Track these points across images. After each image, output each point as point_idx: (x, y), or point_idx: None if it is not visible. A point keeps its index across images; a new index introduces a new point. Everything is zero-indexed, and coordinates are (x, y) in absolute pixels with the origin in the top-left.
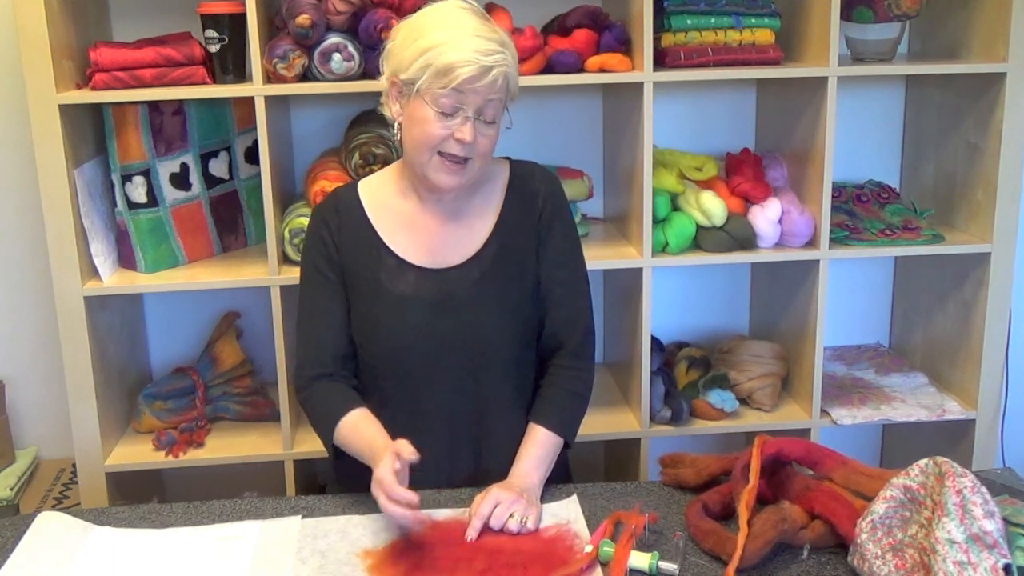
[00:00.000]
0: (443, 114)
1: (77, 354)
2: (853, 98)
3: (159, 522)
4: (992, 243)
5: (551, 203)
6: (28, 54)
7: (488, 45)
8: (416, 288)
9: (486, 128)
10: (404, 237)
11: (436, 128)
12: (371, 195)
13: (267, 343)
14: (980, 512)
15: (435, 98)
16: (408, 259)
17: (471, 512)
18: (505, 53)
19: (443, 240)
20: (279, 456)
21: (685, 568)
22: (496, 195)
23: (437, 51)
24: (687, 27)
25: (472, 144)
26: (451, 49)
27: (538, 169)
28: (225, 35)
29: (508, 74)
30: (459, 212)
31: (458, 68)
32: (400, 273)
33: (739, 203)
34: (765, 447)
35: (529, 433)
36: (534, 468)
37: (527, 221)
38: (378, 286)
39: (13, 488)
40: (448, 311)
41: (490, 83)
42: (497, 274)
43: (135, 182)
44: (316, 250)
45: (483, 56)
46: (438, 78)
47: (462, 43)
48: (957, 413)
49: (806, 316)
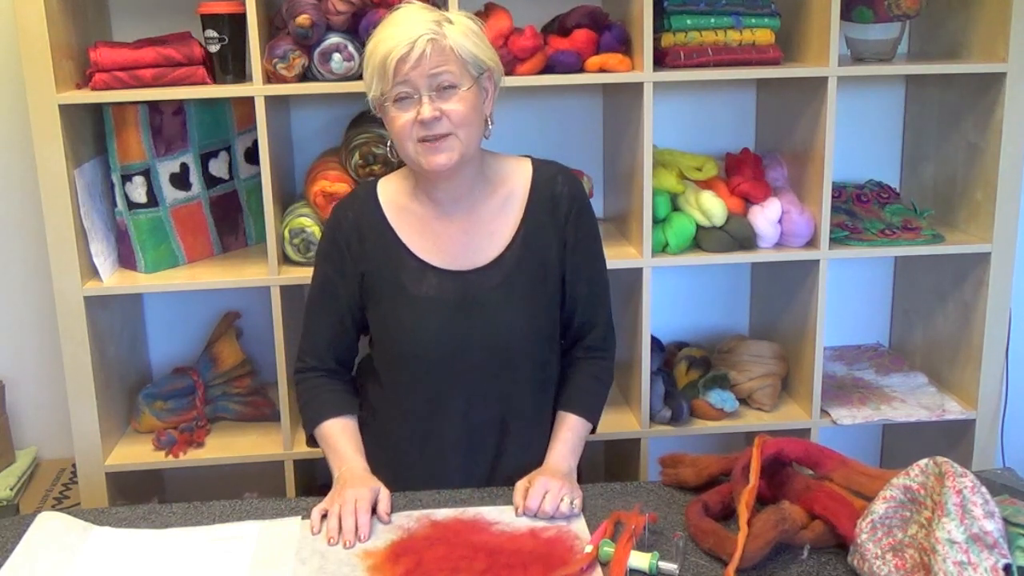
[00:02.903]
0: (401, 102)
1: (77, 354)
2: (853, 98)
3: (159, 522)
4: (992, 243)
5: (576, 205)
6: (28, 54)
7: (414, 27)
8: (438, 290)
9: (449, 95)
10: (425, 239)
11: (401, 119)
12: (390, 196)
13: (267, 343)
14: (980, 512)
15: (392, 98)
16: (429, 261)
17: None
18: (437, 26)
19: (464, 242)
20: (279, 456)
21: (685, 568)
22: (518, 197)
23: (373, 55)
24: (687, 27)
25: (439, 119)
26: (381, 45)
27: (561, 170)
28: (225, 35)
29: (443, 42)
30: (479, 213)
31: (388, 56)
32: (422, 275)
33: (739, 203)
34: (765, 447)
35: (560, 420)
36: (570, 452)
37: (551, 224)
38: (399, 288)
39: (13, 488)
40: (470, 313)
41: (419, 56)
42: (520, 276)
43: (135, 182)
44: (329, 252)
45: (406, 35)
46: (382, 79)
47: (391, 36)
48: (957, 413)
49: (806, 316)
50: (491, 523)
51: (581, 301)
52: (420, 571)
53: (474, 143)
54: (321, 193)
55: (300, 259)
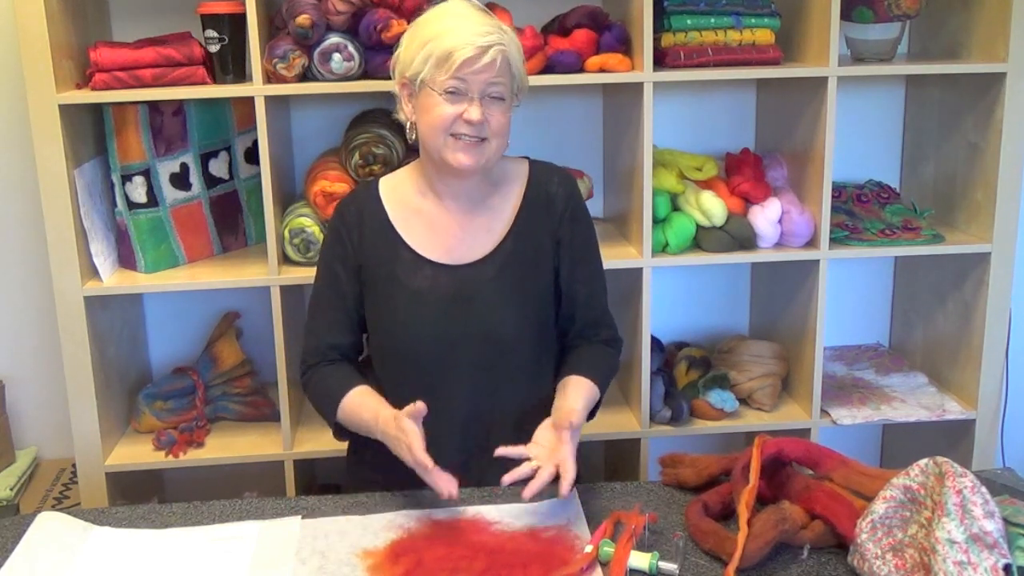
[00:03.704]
0: (450, 96)
1: (77, 354)
2: (853, 98)
3: (159, 522)
4: (992, 243)
5: (571, 205)
6: (28, 54)
7: (484, 28)
8: (432, 283)
9: (495, 106)
10: (422, 233)
11: (445, 109)
12: (391, 192)
13: (267, 343)
14: (980, 512)
15: (440, 85)
16: (425, 254)
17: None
18: (503, 36)
19: (460, 237)
20: (279, 456)
21: (685, 568)
22: (514, 195)
23: (436, 41)
24: (687, 27)
25: (483, 124)
26: (449, 36)
27: (556, 171)
28: (225, 35)
29: (508, 56)
30: (477, 210)
31: (456, 52)
32: (416, 268)
33: (739, 203)
34: (765, 447)
35: (563, 383)
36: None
37: (545, 223)
38: (394, 280)
39: (13, 488)
40: (464, 306)
41: (488, 64)
42: (512, 272)
43: (135, 182)
44: (333, 246)
45: (479, 38)
46: (439, 66)
47: (459, 30)
48: (957, 413)
49: (806, 316)
50: (491, 523)
51: (581, 303)
52: (420, 571)
53: (500, 153)
54: (321, 193)
55: (300, 259)
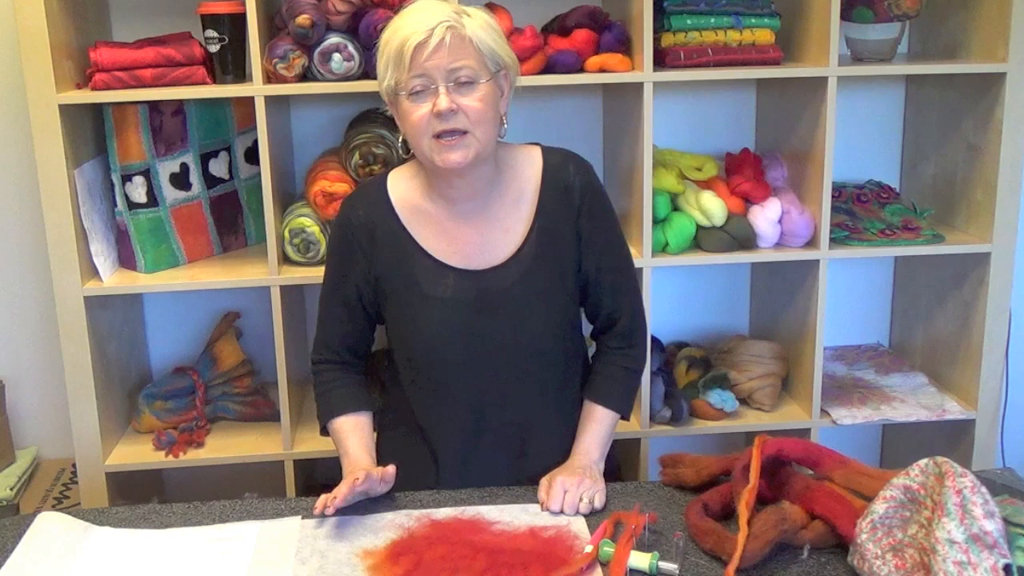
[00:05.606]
0: (416, 96)
1: (77, 354)
2: (853, 98)
3: (159, 522)
4: (992, 243)
5: (589, 195)
6: (28, 54)
7: (431, 14)
8: (456, 290)
9: (467, 91)
10: (439, 239)
11: (416, 113)
12: (401, 195)
13: (267, 343)
14: (980, 512)
15: (407, 88)
16: (446, 261)
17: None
18: (451, 15)
19: (480, 241)
20: (279, 456)
21: (685, 568)
22: (530, 191)
23: (390, 43)
24: (687, 27)
25: (455, 113)
26: (398, 32)
27: (571, 158)
28: (225, 35)
29: (462, 33)
30: (494, 212)
31: (405, 44)
32: (438, 275)
33: (739, 203)
34: (765, 447)
35: (587, 412)
36: (595, 445)
37: (565, 217)
38: (415, 288)
39: (13, 488)
40: (489, 312)
41: (438, 44)
42: (537, 273)
43: (135, 182)
44: (340, 246)
45: (424, 23)
46: (398, 67)
47: (408, 23)
48: (957, 413)
49: (806, 316)
50: (491, 523)
51: (606, 291)
52: (420, 571)
53: (490, 142)
54: (321, 193)
55: (300, 259)
